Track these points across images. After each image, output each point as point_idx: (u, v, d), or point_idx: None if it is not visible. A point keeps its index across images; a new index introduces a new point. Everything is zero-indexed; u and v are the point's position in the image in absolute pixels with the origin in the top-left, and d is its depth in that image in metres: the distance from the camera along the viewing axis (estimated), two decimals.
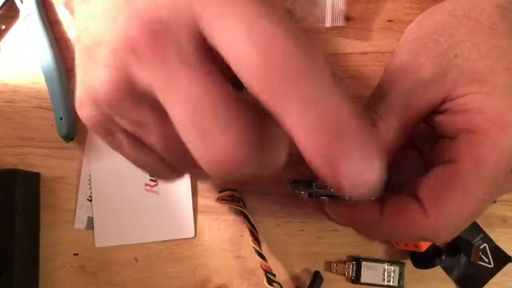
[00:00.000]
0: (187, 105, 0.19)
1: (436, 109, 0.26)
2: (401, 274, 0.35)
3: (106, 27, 0.21)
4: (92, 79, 0.22)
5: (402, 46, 0.28)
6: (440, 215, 0.24)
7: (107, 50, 0.21)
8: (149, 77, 0.19)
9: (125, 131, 0.23)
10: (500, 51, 0.25)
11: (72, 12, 0.26)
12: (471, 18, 0.26)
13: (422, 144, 0.30)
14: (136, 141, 0.24)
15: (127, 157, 0.25)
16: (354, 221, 0.27)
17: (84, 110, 0.23)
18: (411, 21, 0.37)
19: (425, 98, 0.26)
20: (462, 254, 0.35)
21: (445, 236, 0.24)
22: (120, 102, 0.21)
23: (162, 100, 0.20)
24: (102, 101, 0.22)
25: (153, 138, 0.23)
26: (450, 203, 0.24)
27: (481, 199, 0.23)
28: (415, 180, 0.26)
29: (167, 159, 0.24)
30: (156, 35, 0.19)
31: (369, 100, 0.28)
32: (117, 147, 0.25)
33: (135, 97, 0.21)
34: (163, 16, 0.19)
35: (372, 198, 0.26)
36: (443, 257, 0.34)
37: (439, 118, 0.27)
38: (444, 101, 0.26)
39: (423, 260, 0.34)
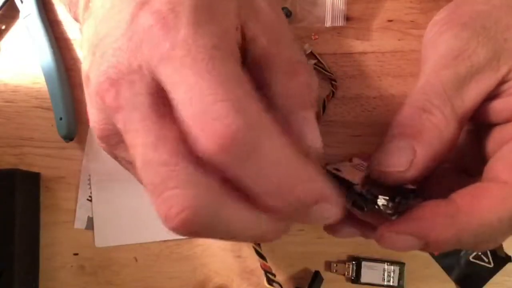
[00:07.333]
0: (138, 154, 0.19)
1: (489, 95, 0.26)
2: (401, 274, 0.35)
3: (92, 60, 0.22)
4: (88, 109, 0.23)
5: (443, 33, 0.27)
6: None
7: (89, 90, 0.22)
8: (117, 122, 0.20)
9: None
10: None
11: (80, 24, 0.27)
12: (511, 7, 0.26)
13: (464, 160, 0.29)
14: None
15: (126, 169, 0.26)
16: (424, 222, 0.24)
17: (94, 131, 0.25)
18: (411, 21, 0.38)
19: (481, 84, 0.25)
20: (461, 254, 0.35)
21: None
22: (107, 139, 0.23)
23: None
24: (95, 134, 0.23)
25: (136, 174, 0.23)
26: None
27: None
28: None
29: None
30: (116, 84, 0.20)
31: (417, 91, 0.26)
32: (118, 162, 0.26)
33: (119, 137, 0.22)
34: (123, 67, 0.20)
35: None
36: None
37: (494, 104, 0.26)
38: (498, 84, 0.25)
39: None
